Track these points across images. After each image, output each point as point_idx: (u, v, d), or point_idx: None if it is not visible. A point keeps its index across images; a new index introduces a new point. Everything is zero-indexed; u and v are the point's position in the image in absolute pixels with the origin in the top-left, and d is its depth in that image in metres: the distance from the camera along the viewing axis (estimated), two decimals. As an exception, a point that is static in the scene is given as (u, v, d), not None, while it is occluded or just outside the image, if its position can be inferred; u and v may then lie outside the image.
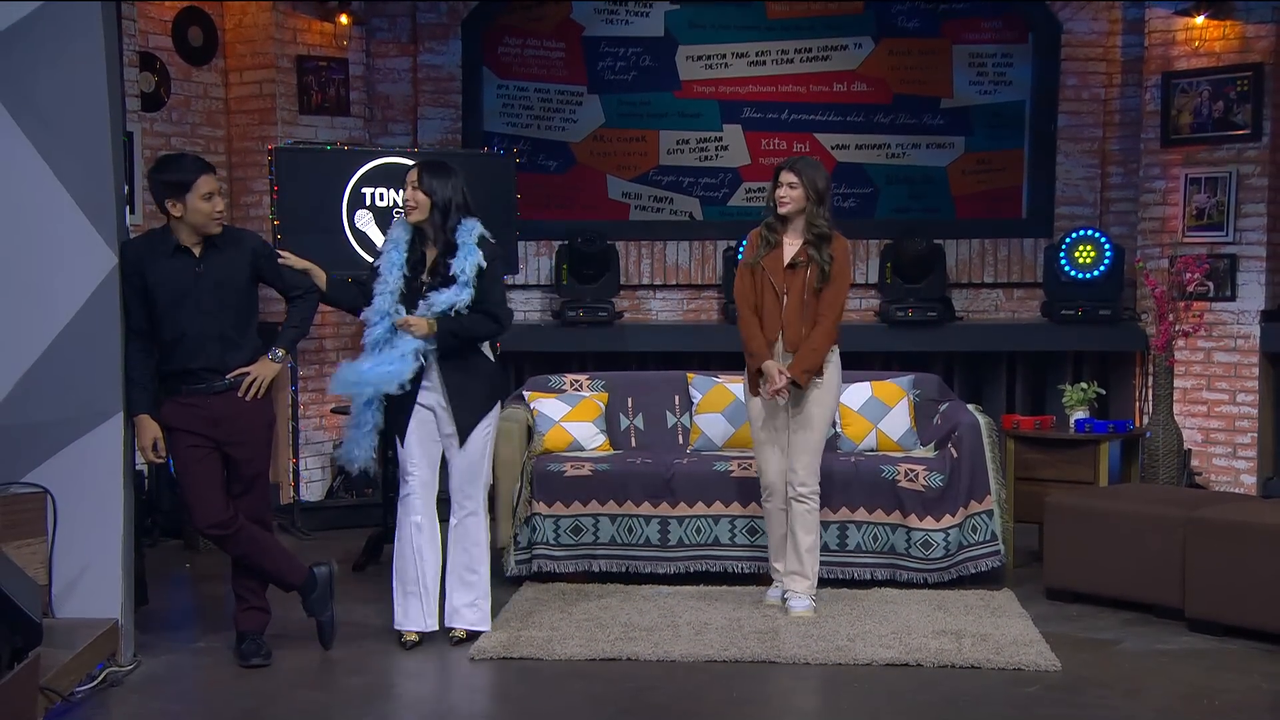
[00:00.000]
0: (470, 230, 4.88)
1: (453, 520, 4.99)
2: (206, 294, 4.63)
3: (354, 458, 4.93)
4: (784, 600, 5.30)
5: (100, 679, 4.44)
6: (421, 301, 4.82)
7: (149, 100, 7.24)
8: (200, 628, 5.35)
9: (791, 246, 5.23)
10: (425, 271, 4.89)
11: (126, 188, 5.08)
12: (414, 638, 4.93)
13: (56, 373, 4.57)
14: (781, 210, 5.21)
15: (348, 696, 4.42)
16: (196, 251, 4.64)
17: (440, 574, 5.00)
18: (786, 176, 5.19)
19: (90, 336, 4.56)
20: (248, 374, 4.69)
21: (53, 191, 4.54)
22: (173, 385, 4.67)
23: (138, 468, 5.82)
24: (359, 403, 4.89)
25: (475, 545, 4.98)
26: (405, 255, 4.89)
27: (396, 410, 4.90)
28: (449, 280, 4.82)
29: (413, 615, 4.94)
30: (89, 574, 4.58)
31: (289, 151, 7.08)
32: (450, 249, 4.86)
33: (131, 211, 6.53)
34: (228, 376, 4.67)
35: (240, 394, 4.67)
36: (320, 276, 4.93)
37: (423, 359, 4.83)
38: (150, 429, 4.65)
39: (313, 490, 7.70)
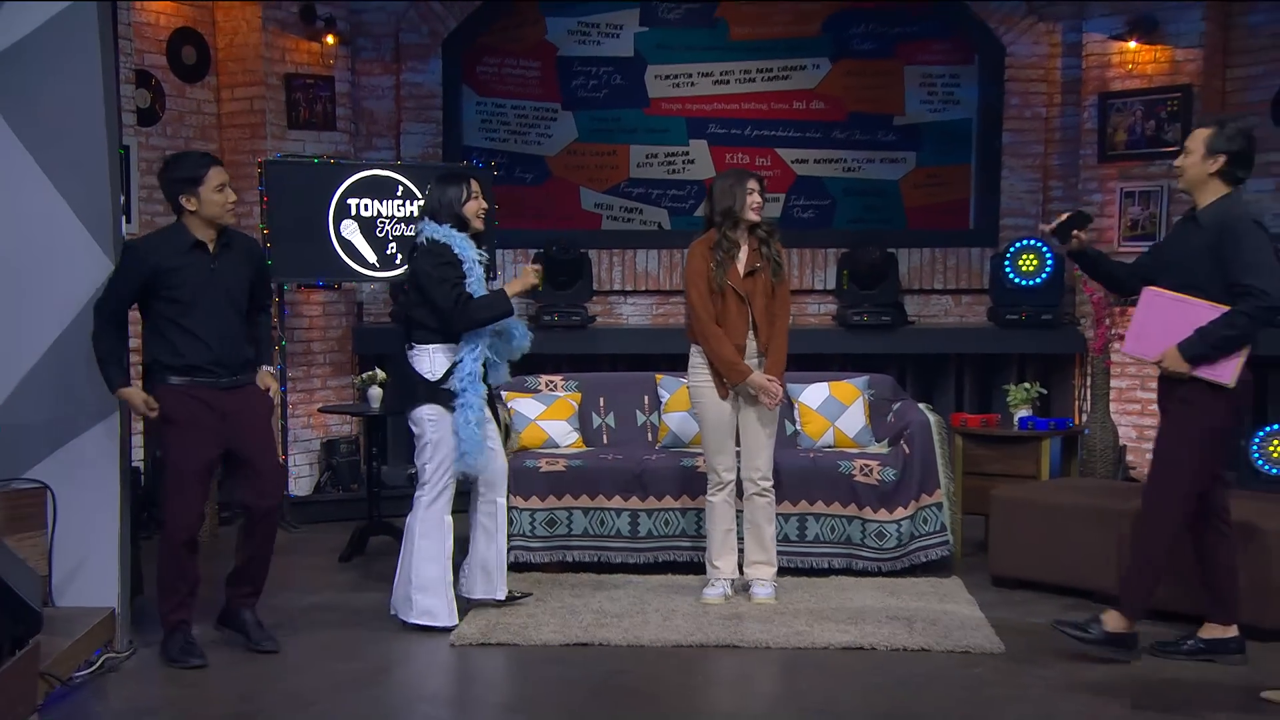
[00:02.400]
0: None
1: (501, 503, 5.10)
2: (220, 290, 4.56)
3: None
4: (749, 588, 5.28)
5: (98, 665, 4.41)
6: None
7: (145, 115, 7.18)
8: (194, 616, 5.30)
9: (744, 252, 5.16)
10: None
11: (123, 198, 5.03)
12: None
13: (55, 374, 4.54)
14: (756, 217, 5.13)
15: (337, 681, 4.40)
16: (211, 248, 4.57)
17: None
18: (755, 185, 5.13)
19: (88, 340, 4.52)
20: (269, 388, 4.73)
21: (52, 202, 4.51)
22: (176, 377, 4.50)
23: (134, 464, 5.78)
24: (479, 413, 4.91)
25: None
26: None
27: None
28: None
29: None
30: (87, 565, 4.56)
31: (278, 164, 7.05)
32: None
33: (128, 221, 6.46)
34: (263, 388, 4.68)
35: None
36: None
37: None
38: (138, 393, 4.53)
39: (301, 485, 7.66)
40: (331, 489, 7.66)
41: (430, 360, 4.91)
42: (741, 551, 5.39)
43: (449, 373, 4.87)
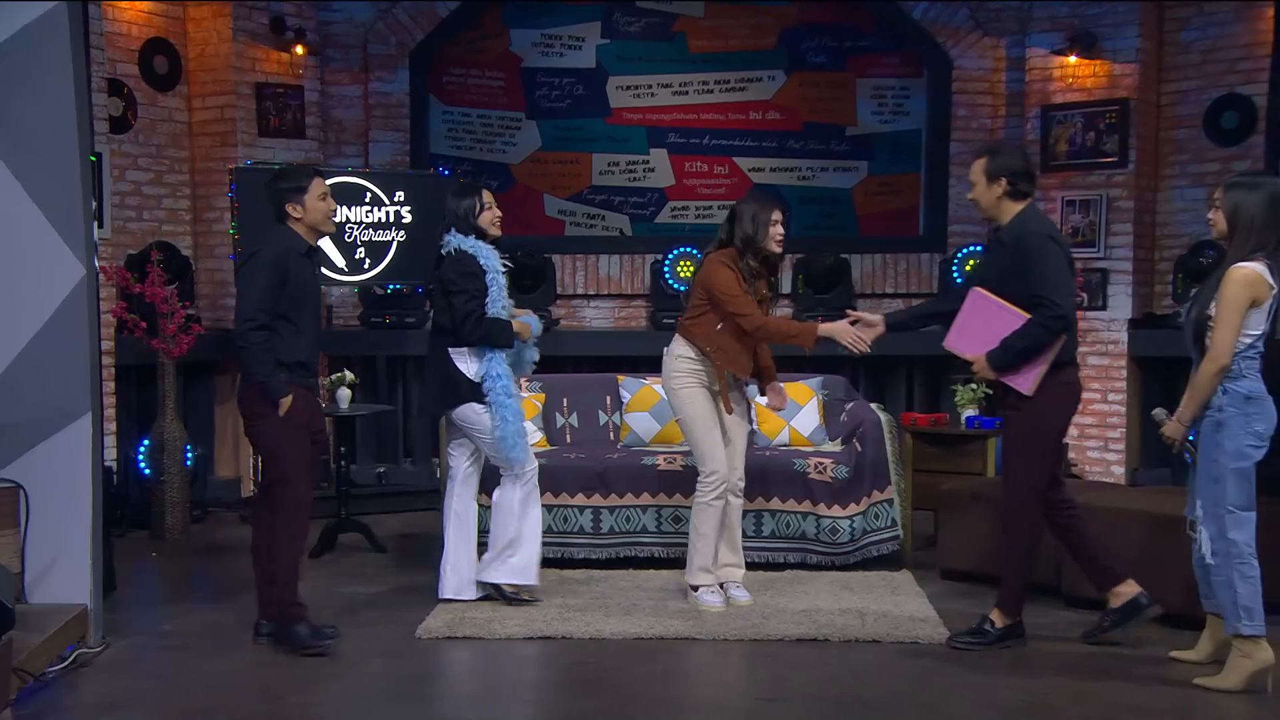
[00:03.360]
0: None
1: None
2: (317, 296, 4.73)
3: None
4: (722, 588, 5.18)
5: (70, 660, 4.37)
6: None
7: (117, 123, 7.12)
8: (165, 613, 5.27)
9: (759, 280, 5.08)
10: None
11: (95, 204, 4.99)
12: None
13: (29, 376, 4.49)
14: (778, 249, 5.05)
15: (306, 674, 4.37)
16: (310, 256, 4.69)
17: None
18: (779, 216, 5.03)
19: (61, 342, 4.49)
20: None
21: (25, 208, 4.46)
22: (289, 375, 4.53)
23: (106, 464, 5.73)
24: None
25: None
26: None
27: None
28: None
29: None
30: (60, 563, 4.51)
31: (248, 171, 7.01)
32: None
33: (100, 226, 6.42)
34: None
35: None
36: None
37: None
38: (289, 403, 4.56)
39: (271, 484, 7.60)
40: (301, 488, 7.60)
41: (468, 364, 5.02)
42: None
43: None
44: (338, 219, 7.05)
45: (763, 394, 5.34)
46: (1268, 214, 4.07)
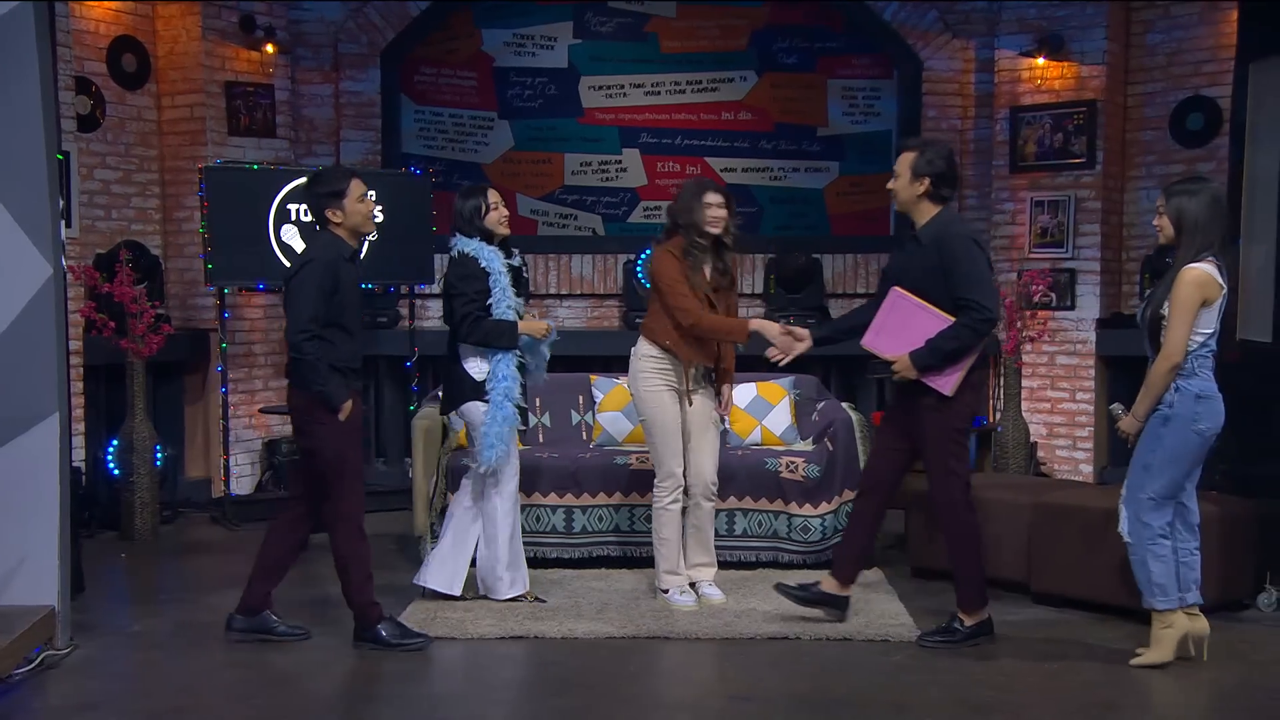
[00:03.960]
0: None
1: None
2: (360, 299, 4.71)
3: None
4: (694, 587, 5.19)
5: (37, 662, 4.33)
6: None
7: (85, 122, 7.05)
8: (134, 613, 5.23)
9: (708, 267, 5.05)
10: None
11: (62, 203, 4.94)
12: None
13: (-5, 376, 4.44)
14: (715, 230, 5.01)
15: (276, 675, 4.35)
16: (354, 260, 4.69)
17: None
18: (716, 198, 5.02)
19: (28, 342, 4.44)
20: None
21: (-9, 207, 4.41)
22: (341, 379, 4.55)
23: (74, 464, 5.67)
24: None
25: None
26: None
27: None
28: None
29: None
30: (27, 563, 4.46)
31: (218, 170, 6.96)
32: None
33: (68, 226, 6.35)
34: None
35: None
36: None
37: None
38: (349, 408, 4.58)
39: (242, 484, 7.56)
40: (273, 488, 7.57)
41: (476, 361, 5.05)
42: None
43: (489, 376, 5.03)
44: (307, 218, 7.05)
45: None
46: (1210, 215, 4.25)
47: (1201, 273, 4.21)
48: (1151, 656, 4.35)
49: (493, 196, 5.13)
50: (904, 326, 4.52)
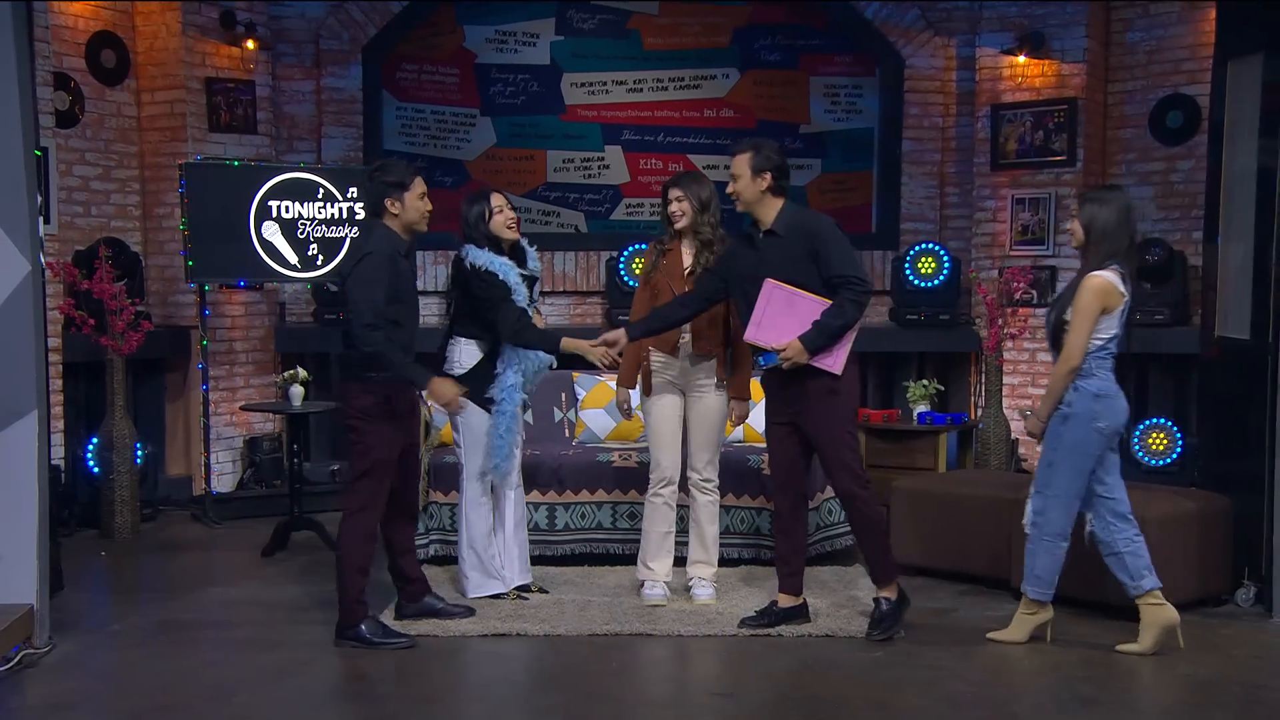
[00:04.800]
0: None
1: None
2: (415, 293, 4.73)
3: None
4: (689, 588, 5.18)
5: (16, 661, 4.30)
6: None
7: (64, 118, 7.00)
8: (114, 612, 5.20)
9: (687, 256, 5.11)
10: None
11: (41, 199, 4.91)
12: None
13: (-28, 374, 4.41)
14: (677, 225, 5.07)
15: (258, 673, 4.34)
16: (409, 255, 4.72)
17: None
18: (674, 193, 5.09)
19: (5, 339, 4.41)
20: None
21: (-32, 203, 4.38)
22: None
23: (53, 463, 5.64)
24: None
25: None
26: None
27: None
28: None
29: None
30: (5, 562, 4.44)
31: (199, 167, 6.93)
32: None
33: (46, 222, 6.30)
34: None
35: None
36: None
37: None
38: (450, 383, 4.62)
39: (224, 482, 7.53)
40: (254, 485, 7.54)
41: (461, 351, 5.07)
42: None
43: (486, 379, 5.01)
44: (288, 215, 7.03)
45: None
46: (1118, 224, 4.44)
47: (1104, 281, 4.40)
48: (1009, 635, 4.63)
49: (496, 200, 5.10)
50: (783, 315, 4.58)
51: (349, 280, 4.54)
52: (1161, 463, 7.03)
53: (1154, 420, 7.11)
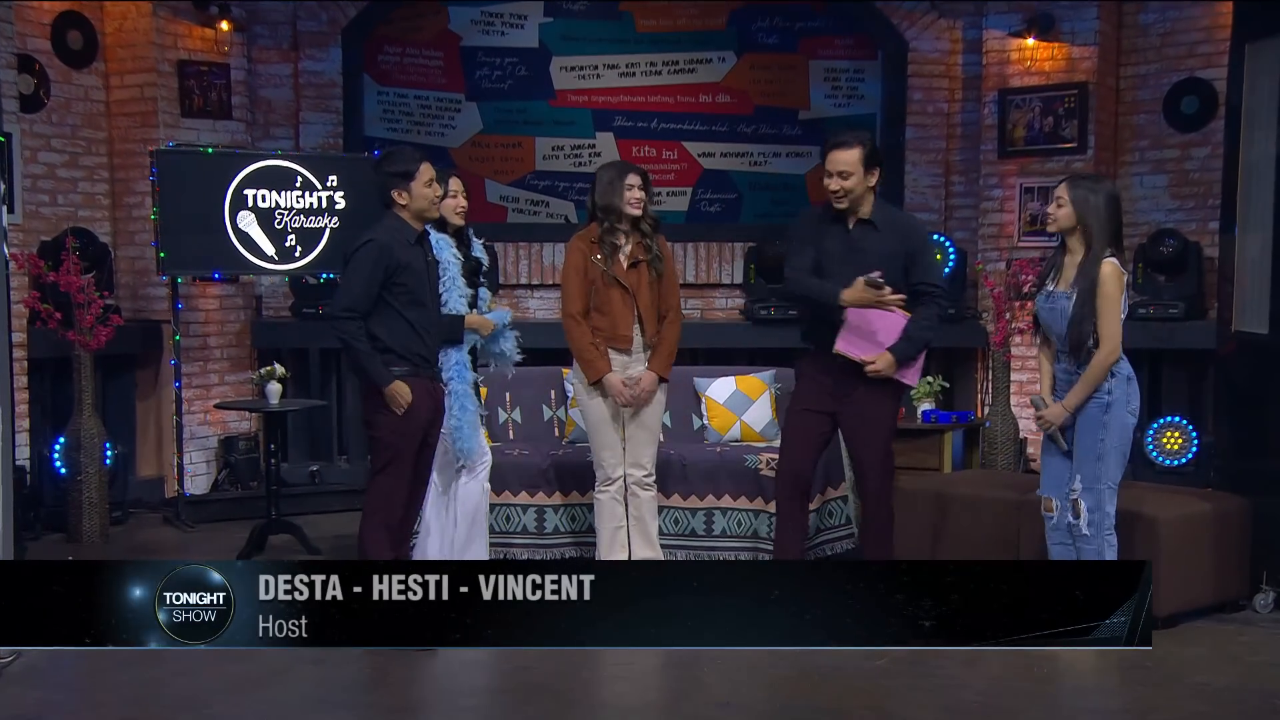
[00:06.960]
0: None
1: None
2: (431, 285, 4.74)
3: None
4: None
5: (-21, 672, 4.28)
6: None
7: (28, 102, 6.96)
8: (82, 620, 5.16)
9: (627, 246, 5.17)
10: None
11: (4, 188, 4.88)
12: None
13: (-68, 370, 4.38)
14: (637, 211, 5.11)
15: (231, 683, 4.31)
16: (421, 243, 4.71)
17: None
18: (636, 179, 5.13)
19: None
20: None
21: (-73, 190, 4.36)
22: (402, 367, 4.59)
23: (18, 463, 5.61)
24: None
25: None
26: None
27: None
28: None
29: None
30: (-33, 569, 4.40)
31: (171, 154, 6.90)
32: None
33: (10, 211, 6.27)
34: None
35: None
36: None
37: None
38: (404, 387, 4.57)
39: (197, 484, 7.50)
40: (230, 486, 7.52)
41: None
42: None
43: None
44: (264, 205, 7.00)
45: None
46: (1109, 212, 4.54)
47: (1116, 265, 4.51)
48: None
49: (454, 184, 5.12)
50: (867, 326, 4.73)
51: (344, 264, 4.63)
52: (1176, 462, 7.04)
53: (1169, 418, 7.11)
